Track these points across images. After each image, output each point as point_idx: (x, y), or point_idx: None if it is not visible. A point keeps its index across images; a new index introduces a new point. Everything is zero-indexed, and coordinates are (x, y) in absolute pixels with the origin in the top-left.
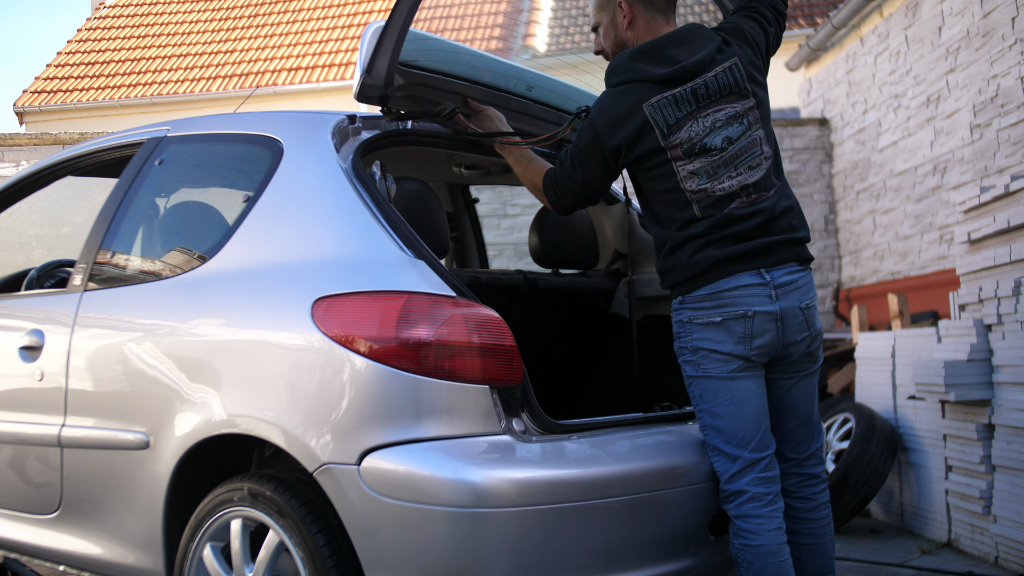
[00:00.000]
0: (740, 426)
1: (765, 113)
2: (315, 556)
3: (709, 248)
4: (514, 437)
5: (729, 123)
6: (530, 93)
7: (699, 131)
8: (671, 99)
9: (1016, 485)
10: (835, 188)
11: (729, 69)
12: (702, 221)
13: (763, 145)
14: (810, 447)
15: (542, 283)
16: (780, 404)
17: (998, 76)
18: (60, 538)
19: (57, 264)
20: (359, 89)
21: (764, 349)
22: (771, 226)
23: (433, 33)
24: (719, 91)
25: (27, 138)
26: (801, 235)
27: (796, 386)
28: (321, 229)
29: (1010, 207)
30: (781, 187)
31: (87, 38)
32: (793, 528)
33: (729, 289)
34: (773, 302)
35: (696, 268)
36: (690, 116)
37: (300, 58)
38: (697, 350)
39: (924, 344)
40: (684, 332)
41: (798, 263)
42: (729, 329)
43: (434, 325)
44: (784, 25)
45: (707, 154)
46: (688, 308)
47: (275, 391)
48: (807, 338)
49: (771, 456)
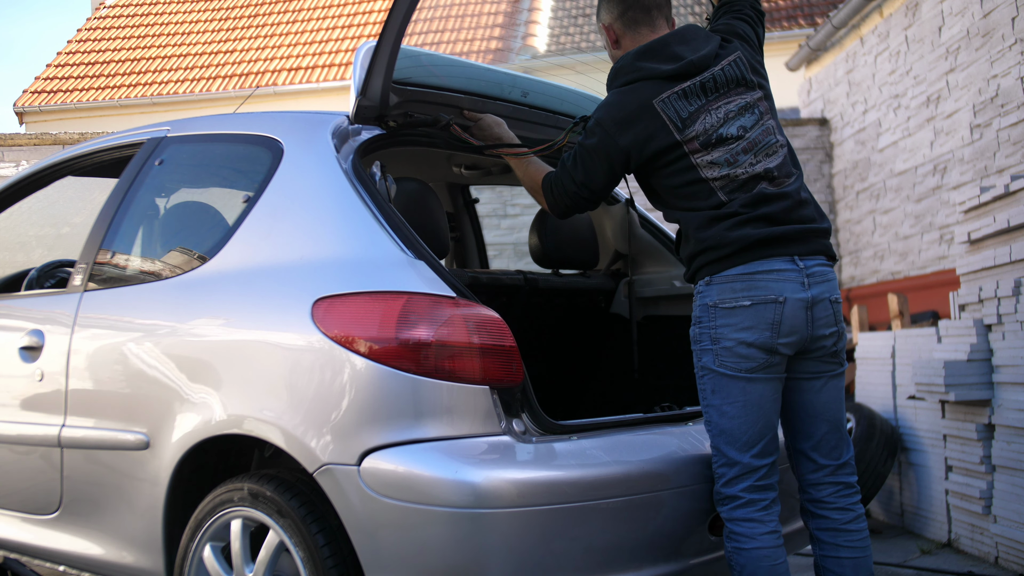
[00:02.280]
0: (746, 430)
1: (772, 105)
2: (315, 556)
3: (746, 227)
4: (514, 438)
5: (741, 113)
6: (525, 99)
7: (713, 122)
8: (681, 93)
9: (1016, 485)
10: (835, 188)
11: (734, 63)
12: (730, 203)
13: (777, 134)
14: (843, 454)
15: (542, 283)
16: (810, 407)
17: (998, 76)
18: (60, 538)
19: (57, 264)
20: (355, 111)
21: (792, 339)
22: (799, 213)
23: (427, 45)
24: (727, 84)
25: (27, 138)
26: (826, 226)
27: (825, 387)
28: (321, 229)
29: (1010, 207)
30: (800, 176)
31: (87, 38)
32: (834, 542)
33: (763, 272)
34: (805, 289)
35: (732, 246)
36: (702, 109)
37: (300, 58)
38: (719, 339)
39: (924, 344)
40: (707, 317)
41: (826, 257)
42: (758, 315)
43: (434, 325)
44: (764, 24)
45: (724, 143)
46: (715, 290)
47: (275, 391)
48: (835, 334)
49: (771, 464)
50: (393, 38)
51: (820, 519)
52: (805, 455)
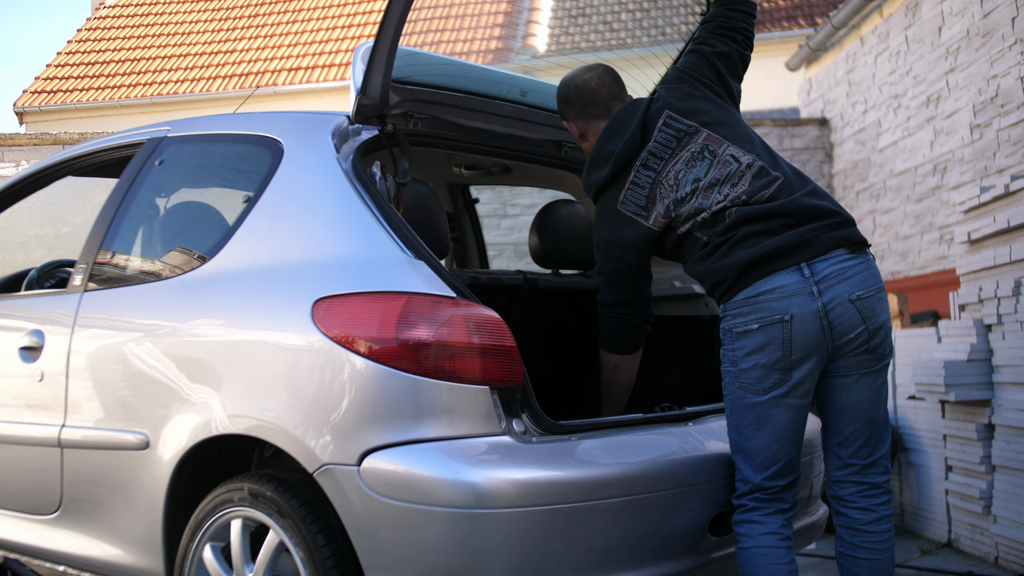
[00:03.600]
0: (761, 452)
1: (728, 131)
2: (315, 556)
3: (736, 251)
4: (514, 438)
5: (690, 166)
6: (524, 98)
7: (667, 192)
8: (632, 186)
9: (1016, 485)
10: (835, 188)
11: (664, 124)
12: (711, 240)
13: (740, 158)
14: (872, 452)
15: (542, 283)
16: (840, 405)
17: (998, 76)
18: (60, 538)
19: (57, 264)
20: (356, 109)
21: (808, 352)
22: (800, 213)
23: (427, 45)
24: (666, 147)
25: (27, 138)
26: (841, 216)
27: (857, 384)
28: (321, 230)
29: (1010, 207)
30: (787, 177)
31: (87, 38)
32: (852, 541)
33: (766, 292)
34: (815, 299)
35: (729, 273)
36: (655, 184)
37: (300, 58)
38: (737, 361)
39: (924, 344)
40: (727, 340)
41: (847, 250)
42: (767, 336)
43: (434, 326)
44: (749, 42)
45: (683, 204)
46: (729, 316)
47: (275, 392)
48: (864, 332)
49: (785, 486)
50: (391, 35)
51: (842, 516)
52: (832, 451)
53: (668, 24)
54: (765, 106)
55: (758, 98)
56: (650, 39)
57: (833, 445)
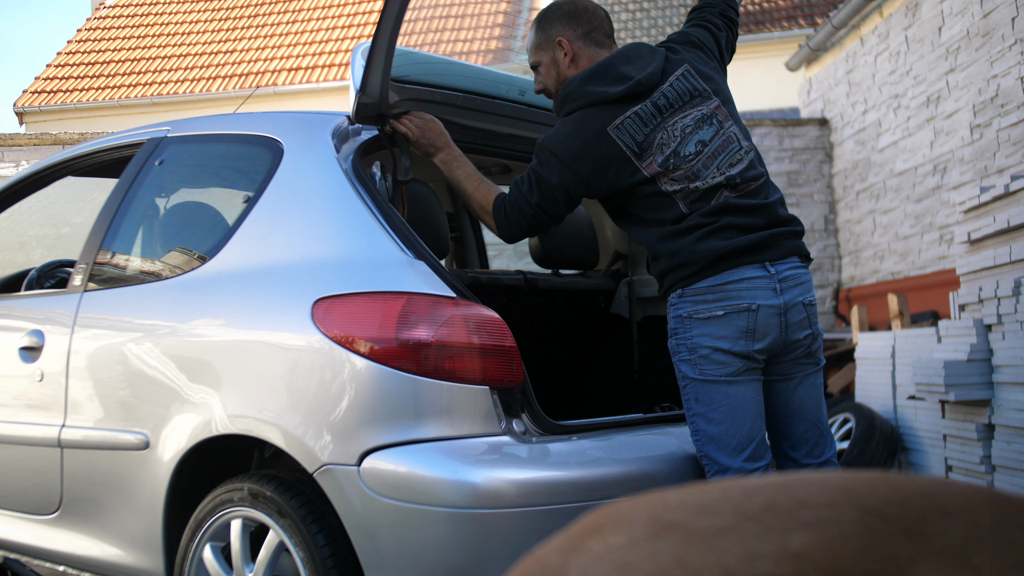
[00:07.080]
0: (735, 433)
1: (732, 110)
2: (315, 556)
3: (713, 239)
4: (514, 438)
5: (699, 126)
6: (523, 98)
7: (670, 142)
8: (635, 116)
9: (1016, 485)
10: (835, 188)
11: (683, 76)
12: (691, 215)
13: (740, 140)
14: (825, 451)
15: (542, 284)
16: (786, 407)
17: (998, 76)
18: (60, 538)
19: (57, 264)
20: (356, 109)
21: (766, 345)
22: (770, 217)
23: (426, 45)
24: (679, 98)
25: (27, 138)
26: (799, 228)
27: (800, 386)
28: (321, 230)
29: (1010, 207)
30: (768, 178)
31: (87, 38)
32: None
33: (733, 281)
34: (778, 295)
35: (702, 260)
36: (658, 128)
37: (300, 58)
38: (696, 348)
39: (924, 344)
40: (682, 328)
41: (799, 258)
42: (731, 323)
43: (434, 326)
44: (737, 32)
45: (684, 161)
46: (688, 302)
47: (275, 392)
48: (809, 336)
49: (764, 468)
50: (389, 33)
51: None
52: (785, 455)
53: (668, 24)
54: (765, 106)
55: (758, 98)
56: (650, 39)
57: (785, 448)
